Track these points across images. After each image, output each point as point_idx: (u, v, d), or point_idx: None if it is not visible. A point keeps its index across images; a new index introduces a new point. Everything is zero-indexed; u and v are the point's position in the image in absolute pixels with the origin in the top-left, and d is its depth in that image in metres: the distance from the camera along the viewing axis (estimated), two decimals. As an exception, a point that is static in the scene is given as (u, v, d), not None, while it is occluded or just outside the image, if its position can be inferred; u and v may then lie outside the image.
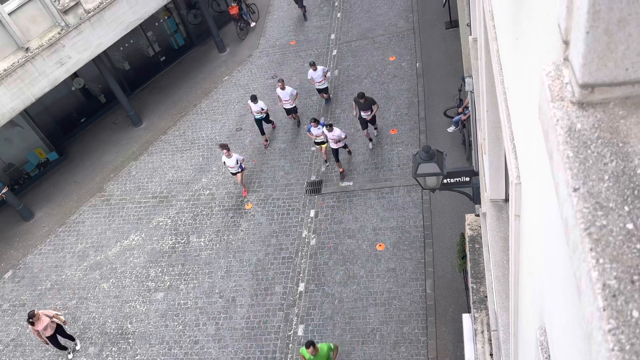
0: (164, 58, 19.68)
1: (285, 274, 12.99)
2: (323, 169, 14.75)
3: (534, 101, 2.01)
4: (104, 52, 16.13)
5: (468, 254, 8.21)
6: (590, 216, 1.16)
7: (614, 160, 1.22)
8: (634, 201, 1.15)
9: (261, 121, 15.57)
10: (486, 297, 7.46)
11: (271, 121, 16.19)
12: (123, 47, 18.35)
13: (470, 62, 7.63)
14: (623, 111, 1.28)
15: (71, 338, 12.54)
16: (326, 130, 13.50)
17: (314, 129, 13.75)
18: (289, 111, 15.73)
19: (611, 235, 1.12)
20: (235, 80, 18.55)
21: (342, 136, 13.54)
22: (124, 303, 13.41)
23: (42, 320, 11.66)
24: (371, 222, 13.37)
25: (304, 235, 13.59)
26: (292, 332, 11.97)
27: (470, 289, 7.79)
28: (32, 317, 11.53)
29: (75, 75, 16.98)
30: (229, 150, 13.83)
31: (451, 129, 14.65)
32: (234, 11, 19.38)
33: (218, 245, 13.97)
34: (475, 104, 7.33)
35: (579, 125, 1.30)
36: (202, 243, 14.13)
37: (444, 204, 13.21)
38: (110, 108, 18.71)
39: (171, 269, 13.78)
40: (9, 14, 13.52)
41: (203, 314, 12.70)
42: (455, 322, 11.25)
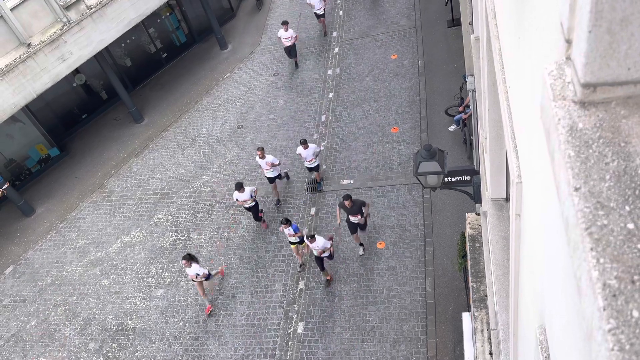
0: (165, 55, 19.67)
1: (286, 271, 13.00)
2: (298, 269, 12.88)
3: (536, 100, 2.00)
4: (106, 48, 16.13)
5: (468, 252, 8.21)
6: (591, 216, 1.16)
7: (615, 160, 1.22)
8: (635, 201, 1.15)
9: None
10: (486, 296, 7.46)
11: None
12: (125, 44, 18.34)
13: (472, 61, 7.62)
14: (625, 111, 1.28)
15: None
16: (307, 241, 11.66)
17: (286, 229, 12.02)
18: (270, 180, 13.79)
19: (612, 235, 1.12)
20: (237, 77, 18.54)
21: (326, 246, 11.67)
22: (124, 299, 13.43)
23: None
24: (372, 220, 13.37)
25: (304, 233, 13.57)
26: (291, 329, 11.99)
27: (470, 287, 7.80)
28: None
29: (76, 71, 16.99)
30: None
31: (452, 127, 14.64)
32: None
33: (218, 242, 13.98)
34: (477, 103, 7.32)
35: (580, 125, 1.30)
36: (202, 240, 14.15)
37: (444, 202, 13.21)
38: (112, 104, 18.71)
39: (171, 265, 13.79)
40: (11, 10, 13.52)
41: (203, 310, 12.72)
42: (455, 320, 11.25)
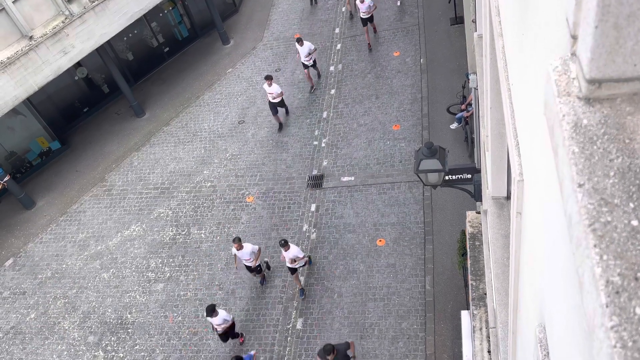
0: (167, 49, 19.65)
1: (285, 267, 13.00)
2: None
3: (539, 97, 1.99)
4: (108, 42, 16.11)
5: (468, 251, 8.21)
6: (594, 212, 1.15)
7: (620, 157, 1.21)
8: (639, 198, 1.14)
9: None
10: (485, 294, 7.46)
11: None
12: (127, 38, 18.31)
13: (475, 59, 7.60)
14: (630, 107, 1.27)
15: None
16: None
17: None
18: (250, 269, 12.35)
19: (615, 231, 1.11)
20: (239, 72, 18.52)
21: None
22: (123, 293, 13.45)
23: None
24: (372, 217, 13.37)
25: (304, 229, 13.59)
26: (290, 325, 12.00)
27: (470, 286, 7.80)
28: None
29: (78, 64, 16.97)
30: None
31: (454, 125, 14.62)
32: None
33: (219, 238, 13.99)
34: (479, 101, 7.30)
35: (585, 121, 1.29)
36: (202, 235, 14.15)
37: (445, 200, 13.20)
38: (113, 98, 18.70)
39: (171, 260, 13.81)
40: (13, 2, 13.49)
41: (202, 305, 12.73)
42: (454, 318, 11.26)
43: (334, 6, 20.04)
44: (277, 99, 15.38)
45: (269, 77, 15.04)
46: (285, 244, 11.38)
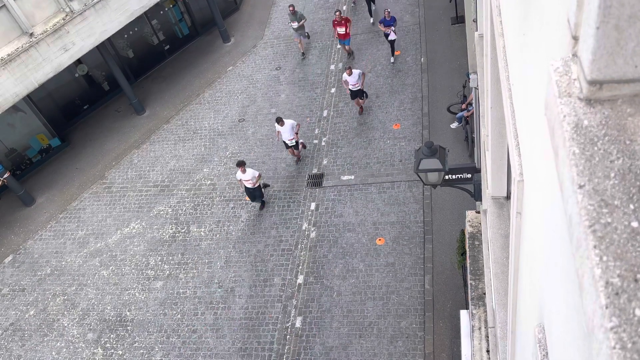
0: (168, 47, 19.63)
1: (285, 265, 13.01)
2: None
3: (540, 98, 1.99)
4: (108, 39, 16.09)
5: (468, 250, 8.22)
6: (594, 213, 1.15)
7: (620, 158, 1.21)
8: (639, 199, 1.14)
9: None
10: (484, 293, 7.47)
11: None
12: (127, 35, 18.30)
13: (476, 59, 7.60)
14: (631, 109, 1.27)
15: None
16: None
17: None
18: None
19: (615, 233, 1.12)
20: (239, 70, 18.51)
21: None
22: (123, 290, 13.45)
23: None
24: (371, 216, 13.38)
25: (304, 228, 13.60)
26: (290, 323, 12.01)
27: (469, 285, 7.80)
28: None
29: (79, 61, 16.96)
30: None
31: (454, 125, 14.62)
32: None
33: (218, 236, 13.99)
34: (479, 101, 7.31)
35: (586, 122, 1.29)
36: (202, 233, 14.16)
37: (444, 200, 13.21)
38: (114, 96, 18.70)
39: (171, 258, 13.81)
40: (14, -1, 13.48)
41: (202, 303, 12.74)
42: (452, 318, 11.27)
43: (334, 5, 20.01)
44: (253, 184, 13.22)
45: (241, 164, 12.69)
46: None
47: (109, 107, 18.58)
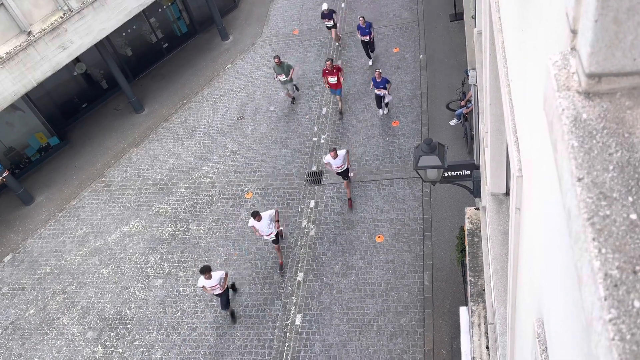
0: (166, 45, 19.60)
1: (284, 263, 13.02)
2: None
3: (539, 93, 1.99)
4: (107, 37, 16.07)
5: (467, 247, 8.22)
6: (593, 206, 1.16)
7: (619, 151, 1.21)
8: (638, 192, 1.14)
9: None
10: (484, 290, 7.48)
11: None
12: (125, 33, 18.27)
13: (474, 55, 7.60)
14: (630, 102, 1.27)
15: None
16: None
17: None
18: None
19: (614, 225, 1.12)
20: (238, 68, 18.49)
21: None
22: (123, 289, 13.46)
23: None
24: (371, 213, 13.38)
25: (303, 226, 13.60)
26: (289, 321, 12.03)
27: (468, 282, 7.82)
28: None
29: (77, 60, 16.92)
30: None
31: (453, 122, 14.62)
32: None
33: (217, 234, 13.99)
34: (478, 97, 7.30)
35: (584, 115, 1.29)
36: (201, 231, 14.16)
37: (444, 197, 13.21)
38: (112, 94, 18.67)
39: (170, 256, 13.81)
40: (12, -3, 13.45)
41: (201, 301, 12.75)
42: (452, 314, 11.29)
43: (333, 3, 19.98)
44: (222, 288, 11.50)
45: (206, 270, 11.05)
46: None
47: (107, 105, 18.56)
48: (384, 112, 15.45)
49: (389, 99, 14.98)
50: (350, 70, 17.24)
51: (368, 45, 16.59)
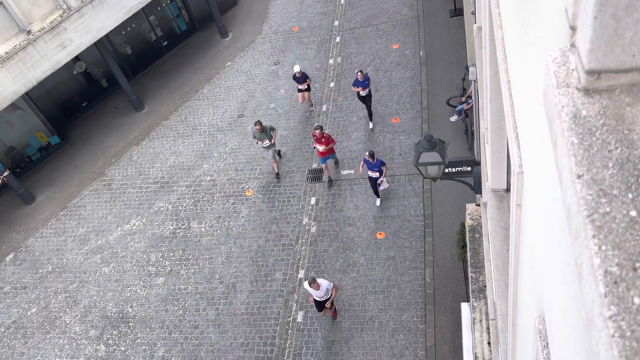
0: (166, 43, 19.58)
1: (286, 260, 13.04)
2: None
3: (539, 89, 1.99)
4: (106, 36, 16.05)
5: (468, 243, 8.23)
6: (593, 203, 1.16)
7: (618, 148, 1.21)
8: (638, 188, 1.14)
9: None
10: (485, 286, 7.49)
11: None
12: (125, 31, 18.25)
13: (474, 51, 7.58)
14: (629, 98, 1.27)
15: None
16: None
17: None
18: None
19: (614, 222, 1.12)
20: (238, 66, 18.47)
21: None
22: (124, 287, 13.48)
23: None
24: (372, 210, 13.39)
25: (304, 223, 13.61)
26: (291, 318, 12.05)
27: (470, 278, 7.82)
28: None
29: (77, 58, 16.92)
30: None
31: (454, 118, 14.61)
32: None
33: (219, 232, 14.00)
34: (479, 93, 7.30)
35: (584, 112, 1.29)
36: (202, 229, 14.17)
37: (444, 193, 13.21)
38: (112, 92, 18.66)
39: (172, 254, 13.83)
40: (11, -4, 13.43)
41: (203, 299, 12.77)
42: (453, 310, 11.30)
43: (333, 2, 19.96)
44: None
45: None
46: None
47: (107, 104, 18.56)
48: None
49: (384, 186, 12.83)
50: (350, 67, 17.19)
51: (365, 101, 14.59)
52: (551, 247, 1.93)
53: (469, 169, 8.03)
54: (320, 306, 11.29)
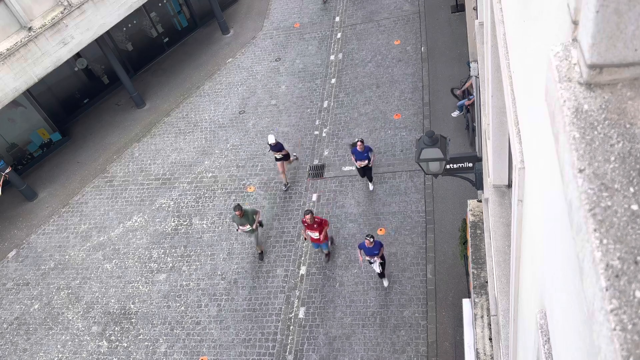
0: (167, 39, 19.57)
1: (287, 257, 13.06)
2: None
3: (541, 84, 1.99)
4: (107, 32, 16.04)
5: (469, 239, 8.23)
6: (595, 197, 1.16)
7: (620, 142, 1.21)
8: (639, 183, 1.14)
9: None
10: (486, 282, 7.50)
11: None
12: (126, 28, 18.23)
13: (476, 47, 7.57)
14: (631, 92, 1.27)
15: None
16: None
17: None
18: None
19: (616, 216, 1.12)
20: (239, 62, 18.46)
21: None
22: (126, 283, 13.51)
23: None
24: (373, 206, 13.39)
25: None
26: (293, 314, 12.07)
27: (471, 274, 7.83)
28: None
29: (78, 55, 16.92)
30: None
31: (455, 113, 14.59)
32: None
33: (220, 228, 14.02)
34: (480, 89, 7.28)
35: (586, 107, 1.29)
36: (204, 225, 14.19)
37: (446, 189, 13.21)
38: (113, 89, 18.67)
39: (174, 250, 13.86)
40: (12, -7, 13.42)
41: (205, 295, 12.81)
42: (455, 306, 11.32)
43: (333, 2, 19.91)
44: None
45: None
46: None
47: (109, 100, 18.56)
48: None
49: (378, 269, 11.49)
50: (352, 63, 17.16)
51: (366, 172, 13.43)
52: (552, 242, 1.93)
53: (470, 165, 8.03)
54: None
